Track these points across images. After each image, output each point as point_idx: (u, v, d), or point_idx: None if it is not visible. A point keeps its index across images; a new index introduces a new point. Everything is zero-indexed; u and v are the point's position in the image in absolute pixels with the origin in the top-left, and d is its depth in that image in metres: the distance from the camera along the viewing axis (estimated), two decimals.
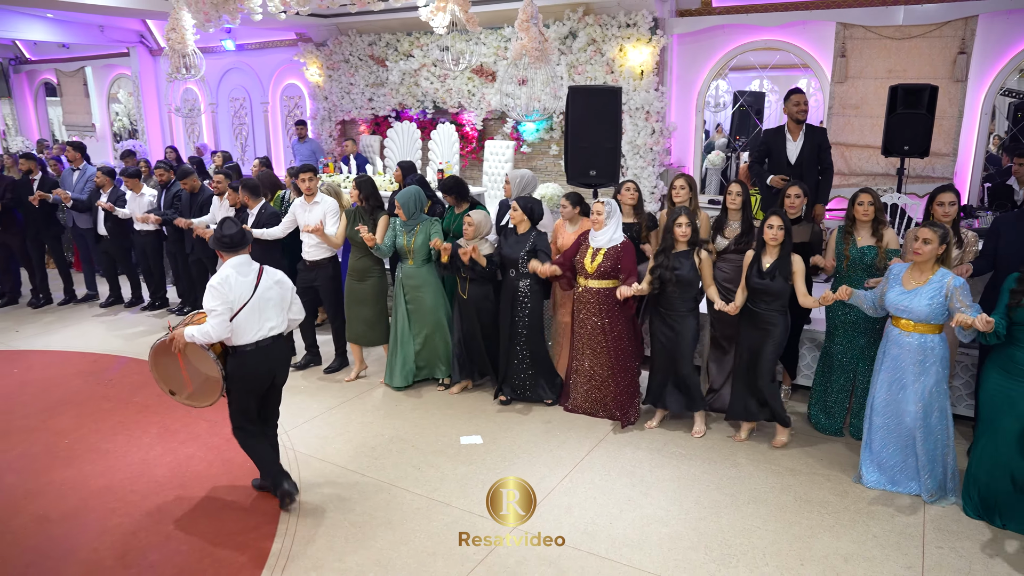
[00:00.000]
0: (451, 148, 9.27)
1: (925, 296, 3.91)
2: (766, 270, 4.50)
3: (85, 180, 8.15)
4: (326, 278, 5.92)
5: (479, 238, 5.25)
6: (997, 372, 3.85)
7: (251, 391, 3.93)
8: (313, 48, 10.35)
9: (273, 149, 11.96)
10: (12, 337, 7.30)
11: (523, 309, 5.26)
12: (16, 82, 15.14)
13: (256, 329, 3.84)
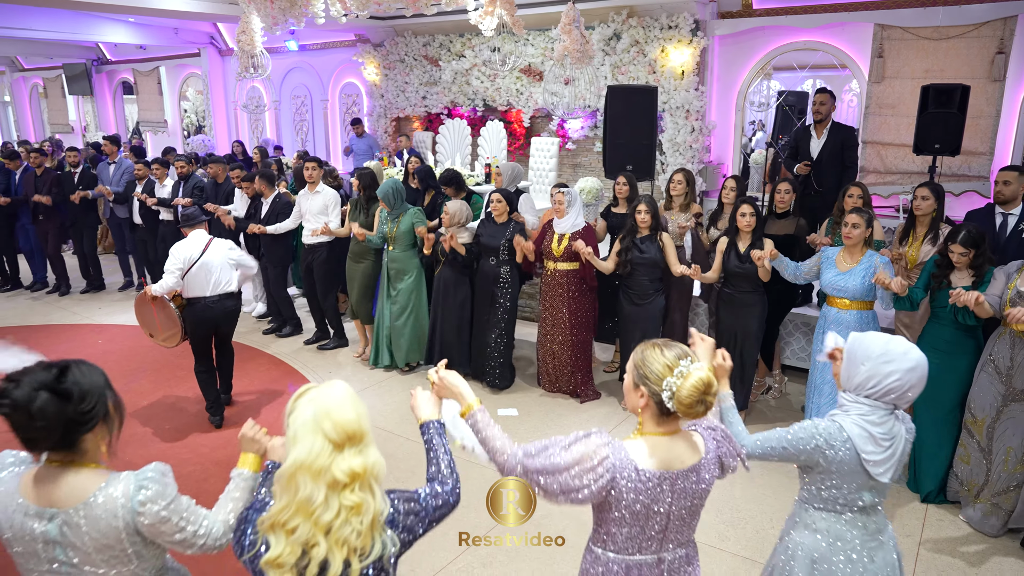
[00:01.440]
0: (499, 144, 9.69)
1: (858, 276, 4.26)
2: (743, 254, 4.81)
3: (121, 172, 8.64)
4: (320, 260, 6.53)
5: (456, 226, 5.65)
6: (927, 350, 4.00)
7: (201, 336, 5.03)
8: (371, 48, 10.89)
9: (331, 145, 12.57)
10: (95, 312, 8.01)
11: (503, 295, 5.64)
12: (97, 81, 16.15)
13: (204, 285, 4.90)
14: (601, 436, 1.93)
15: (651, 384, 1.88)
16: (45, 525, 1.75)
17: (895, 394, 2.17)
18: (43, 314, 8.00)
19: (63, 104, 17.22)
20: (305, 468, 1.61)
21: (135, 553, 1.81)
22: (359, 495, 1.64)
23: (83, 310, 8.13)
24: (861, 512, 2.27)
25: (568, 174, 9.28)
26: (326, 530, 1.61)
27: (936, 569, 3.57)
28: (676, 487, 1.93)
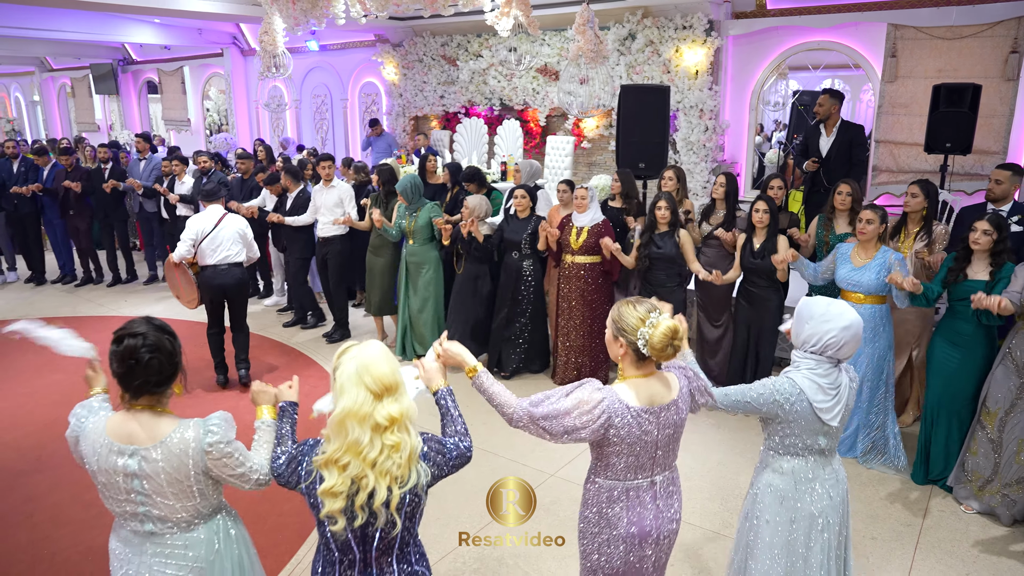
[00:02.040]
0: (515, 143, 9.84)
1: (872, 271, 4.35)
2: (757, 250, 4.95)
3: (151, 168, 9.00)
4: (335, 253, 6.75)
5: (477, 220, 5.82)
6: (942, 342, 4.21)
7: (212, 300, 5.63)
8: (390, 48, 11.06)
9: (350, 143, 12.77)
10: (120, 304, 8.25)
11: (527, 288, 5.83)
12: (123, 81, 16.48)
13: (212, 254, 5.50)
14: (593, 383, 2.28)
15: (628, 335, 2.24)
16: (126, 460, 2.07)
17: (832, 349, 2.48)
18: (72, 306, 8.25)
19: (90, 103, 17.58)
20: (352, 415, 1.92)
21: (199, 491, 2.14)
22: (398, 435, 1.96)
23: (109, 302, 8.38)
24: (818, 454, 2.60)
25: (583, 172, 9.40)
26: (372, 464, 1.93)
27: (934, 557, 3.66)
28: (660, 419, 2.30)
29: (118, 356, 2.08)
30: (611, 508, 2.36)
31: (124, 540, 2.20)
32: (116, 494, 2.12)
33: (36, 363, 6.40)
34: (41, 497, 4.22)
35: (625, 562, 2.38)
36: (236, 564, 2.28)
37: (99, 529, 3.89)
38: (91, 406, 2.26)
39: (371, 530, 1.99)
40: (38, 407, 5.47)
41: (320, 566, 2.09)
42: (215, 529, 2.24)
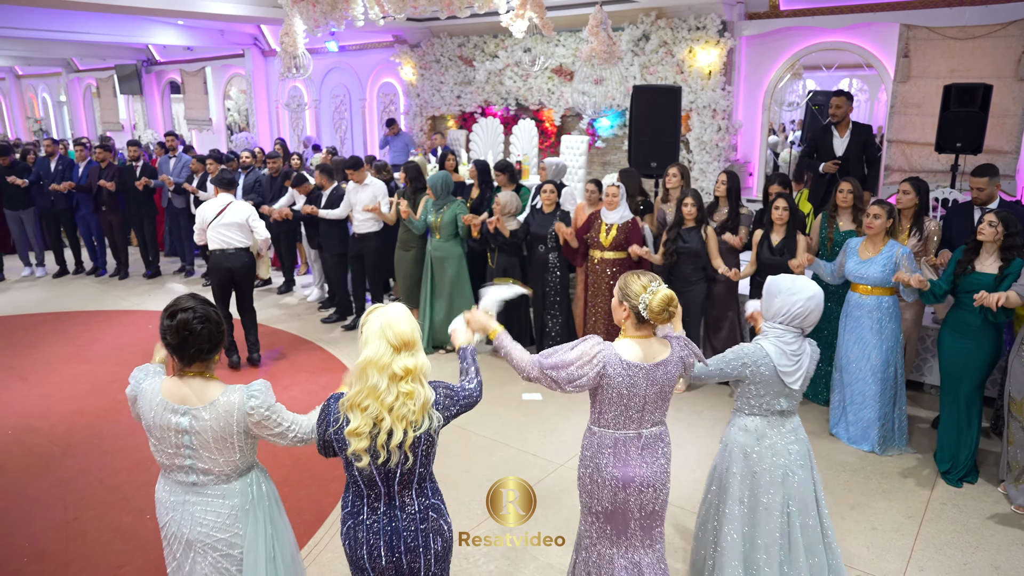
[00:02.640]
0: (530, 142, 9.95)
1: (878, 264, 4.51)
2: (776, 247, 5.06)
3: (181, 166, 9.44)
4: (371, 249, 7.00)
5: (506, 215, 6.02)
6: (950, 333, 4.29)
7: (219, 283, 6.03)
8: (408, 49, 11.22)
9: (368, 142, 12.95)
10: (144, 299, 8.47)
11: (553, 279, 6.05)
12: (147, 81, 16.79)
13: (215, 239, 5.90)
14: (595, 339, 2.62)
15: (631, 299, 2.58)
16: (179, 418, 2.35)
17: (800, 318, 2.84)
18: (99, 301, 8.48)
19: (114, 103, 17.92)
20: (373, 363, 2.22)
21: (239, 447, 2.44)
22: (411, 385, 2.25)
23: (135, 297, 8.60)
24: (780, 415, 2.96)
25: (597, 172, 9.50)
26: (389, 409, 2.22)
27: (934, 547, 3.74)
28: (650, 375, 2.59)
29: (173, 329, 2.34)
30: (601, 454, 2.67)
31: (170, 490, 2.48)
32: (167, 448, 2.40)
33: (64, 354, 6.63)
34: (71, 480, 4.41)
35: (612, 503, 2.68)
36: (267, 514, 2.55)
37: (126, 511, 4.07)
38: (147, 370, 2.53)
39: (392, 467, 2.28)
40: (67, 396, 5.67)
41: (350, 499, 2.39)
42: (249, 483, 2.52)
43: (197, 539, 2.44)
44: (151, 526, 3.92)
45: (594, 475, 2.69)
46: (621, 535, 2.74)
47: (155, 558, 3.64)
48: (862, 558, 3.64)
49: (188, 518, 2.43)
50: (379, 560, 2.34)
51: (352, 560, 2.40)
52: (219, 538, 2.44)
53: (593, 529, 2.77)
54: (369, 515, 2.35)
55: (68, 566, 3.60)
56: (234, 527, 2.46)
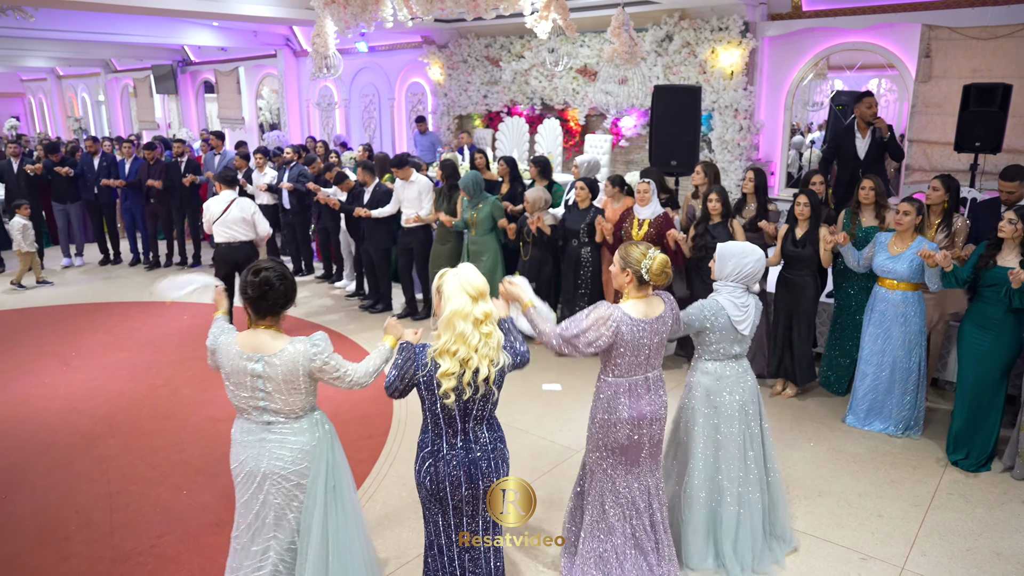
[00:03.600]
0: (555, 141, 10.12)
1: (906, 260, 4.66)
2: (799, 240, 5.23)
3: (224, 162, 9.84)
4: (419, 242, 7.34)
5: (537, 210, 6.24)
6: (971, 326, 4.43)
7: (225, 273, 6.44)
8: (436, 50, 11.45)
9: (396, 140, 13.20)
10: None
11: (585, 272, 6.22)
12: (182, 81, 17.24)
13: (221, 234, 6.40)
14: (605, 304, 3.06)
15: (633, 265, 3.05)
16: (254, 365, 2.72)
17: (749, 277, 3.43)
18: (135, 292, 8.81)
19: (150, 103, 18.41)
20: (458, 314, 2.61)
21: (304, 389, 2.78)
22: (489, 327, 2.68)
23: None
24: (734, 358, 3.52)
25: (621, 170, 9.62)
26: (475, 349, 2.63)
27: (938, 533, 3.85)
28: (652, 327, 3.10)
29: (255, 284, 2.71)
30: (617, 399, 3.14)
31: (246, 430, 2.84)
32: (243, 391, 2.76)
33: (105, 342, 6.94)
34: (114, 458, 4.68)
35: (628, 438, 3.17)
36: (330, 449, 2.90)
37: (164, 486, 4.32)
38: (222, 327, 2.91)
39: (470, 403, 2.69)
40: (109, 380, 5.97)
41: (429, 439, 2.78)
42: (314, 421, 2.89)
43: (272, 471, 2.78)
44: (187, 501, 4.16)
45: (611, 417, 3.14)
46: (634, 464, 3.23)
47: (192, 529, 3.89)
48: (867, 543, 3.76)
49: (265, 454, 2.79)
50: (459, 488, 2.74)
51: (433, 493, 2.77)
52: (292, 470, 2.79)
53: (607, 464, 3.23)
54: (448, 450, 2.74)
55: (112, 534, 3.86)
56: (303, 461, 2.81)
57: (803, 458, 4.65)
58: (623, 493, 3.25)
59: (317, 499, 2.83)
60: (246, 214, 6.44)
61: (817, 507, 4.09)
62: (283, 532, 2.85)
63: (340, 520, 2.90)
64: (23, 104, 24.44)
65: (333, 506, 2.88)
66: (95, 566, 3.61)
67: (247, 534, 2.87)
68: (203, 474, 4.47)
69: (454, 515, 2.81)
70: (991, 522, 3.95)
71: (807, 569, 3.57)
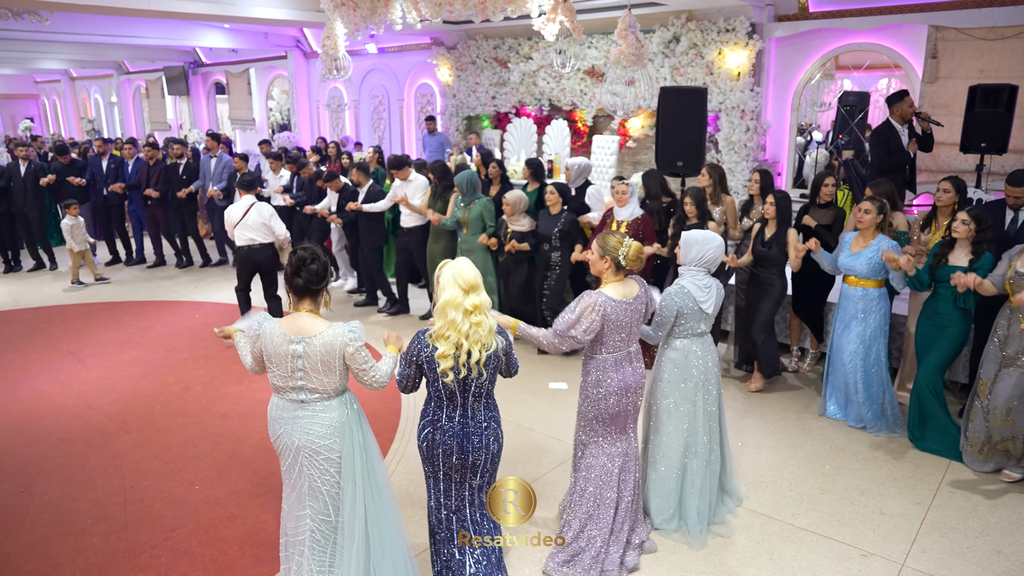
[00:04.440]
0: (563, 142, 10.18)
1: (865, 257, 4.84)
2: (767, 240, 5.38)
3: (222, 166, 9.84)
4: (417, 242, 7.45)
5: (517, 213, 6.30)
6: (924, 320, 4.69)
7: (245, 271, 6.87)
8: (445, 51, 11.52)
9: (406, 141, 13.29)
10: (191, 291, 8.90)
11: (552, 275, 6.31)
12: (193, 83, 17.40)
13: (241, 237, 6.64)
14: (589, 294, 3.37)
15: (611, 252, 3.39)
16: (295, 346, 2.93)
17: (710, 261, 3.79)
18: (148, 292, 8.93)
19: (162, 104, 18.59)
20: (450, 303, 2.93)
21: (339, 371, 2.99)
22: (479, 316, 2.97)
23: (180, 288, 9.04)
24: (700, 336, 3.87)
25: (628, 171, 9.69)
26: (466, 335, 2.94)
27: (939, 531, 3.88)
28: (631, 307, 3.44)
29: (292, 263, 2.96)
30: (606, 373, 3.48)
31: (283, 407, 3.03)
32: (284, 372, 2.96)
33: (118, 341, 7.05)
34: (127, 454, 4.77)
35: (617, 407, 3.53)
36: (359, 427, 3.11)
37: (177, 481, 4.41)
38: (265, 316, 3.09)
39: (469, 381, 3.00)
40: (122, 378, 6.07)
41: (431, 409, 3.10)
42: (345, 401, 3.09)
43: (304, 445, 2.99)
44: (200, 496, 4.25)
45: (600, 391, 3.49)
46: (622, 432, 3.62)
47: (204, 524, 3.97)
48: (867, 540, 3.80)
49: (298, 429, 3.00)
50: (450, 457, 3.07)
51: (427, 457, 3.11)
52: (323, 444, 3.00)
53: (597, 433, 3.59)
54: (446, 422, 3.06)
55: (127, 527, 3.95)
56: (334, 436, 3.01)
57: (805, 456, 4.69)
58: (612, 460, 3.59)
59: (354, 477, 3.04)
60: (264, 218, 6.66)
61: (819, 504, 4.14)
62: (317, 502, 3.06)
63: (377, 500, 3.10)
64: (37, 105, 24.73)
65: (370, 485, 3.08)
66: (110, 558, 3.70)
67: (291, 499, 3.13)
68: (215, 470, 4.55)
69: (443, 480, 3.14)
70: (992, 520, 3.98)
71: (808, 565, 3.61)
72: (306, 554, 3.08)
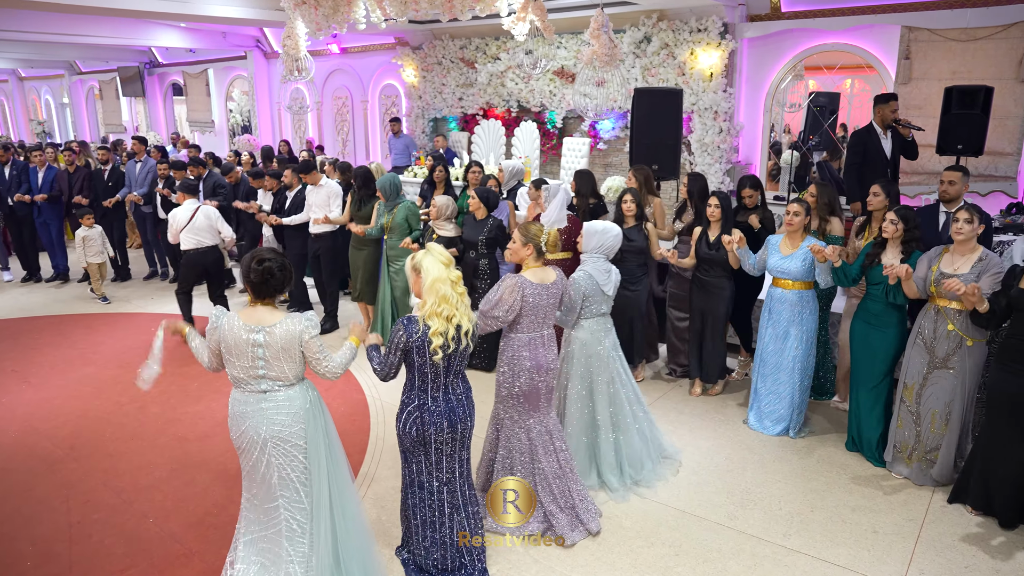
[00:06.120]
0: (532, 144, 9.97)
1: (798, 259, 4.79)
2: (712, 242, 5.27)
3: (147, 171, 9.19)
4: (326, 248, 7.20)
5: (441, 219, 6.15)
6: (860, 323, 4.63)
7: (191, 274, 6.81)
8: (410, 51, 11.25)
9: (371, 144, 12.98)
10: (147, 303, 8.49)
11: (482, 284, 6.07)
12: (149, 83, 16.85)
13: (188, 241, 6.61)
14: (511, 276, 3.68)
15: (534, 239, 3.75)
16: (256, 335, 3.03)
17: (609, 249, 4.24)
18: (100, 304, 8.49)
19: (117, 105, 17.98)
20: (439, 280, 3.13)
21: (298, 358, 3.10)
22: (462, 287, 3.22)
23: (136, 299, 8.62)
24: (602, 316, 4.27)
25: (599, 174, 9.50)
26: (456, 307, 3.16)
27: (935, 550, 3.75)
28: (548, 291, 3.77)
29: (259, 272, 3.05)
30: (521, 352, 3.74)
31: (244, 401, 3.10)
32: (244, 361, 3.04)
33: (69, 356, 6.65)
34: (75, 483, 4.43)
35: (530, 385, 3.77)
36: (322, 414, 3.22)
37: (129, 514, 4.09)
38: (223, 312, 3.17)
39: (452, 358, 3.21)
40: (72, 398, 5.70)
41: (415, 393, 3.27)
42: (306, 388, 3.19)
43: (272, 436, 3.07)
44: (154, 530, 3.94)
45: (515, 368, 3.75)
46: (535, 408, 3.84)
47: (158, 561, 3.67)
48: (863, 560, 3.65)
49: (265, 420, 3.07)
50: (443, 432, 3.27)
51: (418, 440, 3.28)
52: (291, 431, 3.09)
53: (514, 410, 3.83)
54: (432, 403, 3.26)
55: (71, 569, 3.62)
56: (299, 423, 3.10)
57: (792, 471, 4.54)
58: (523, 435, 3.85)
59: (319, 462, 3.15)
60: (211, 220, 6.68)
61: (810, 524, 3.97)
62: (288, 491, 3.13)
63: (340, 483, 3.24)
64: None
65: (333, 469, 3.20)
66: None
67: (257, 497, 3.16)
68: (171, 500, 4.24)
69: (435, 455, 3.32)
70: (987, 536, 3.86)
71: None
72: (284, 545, 3.15)
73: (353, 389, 5.86)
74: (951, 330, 4.13)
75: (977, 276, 4.02)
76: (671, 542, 3.83)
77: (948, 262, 4.17)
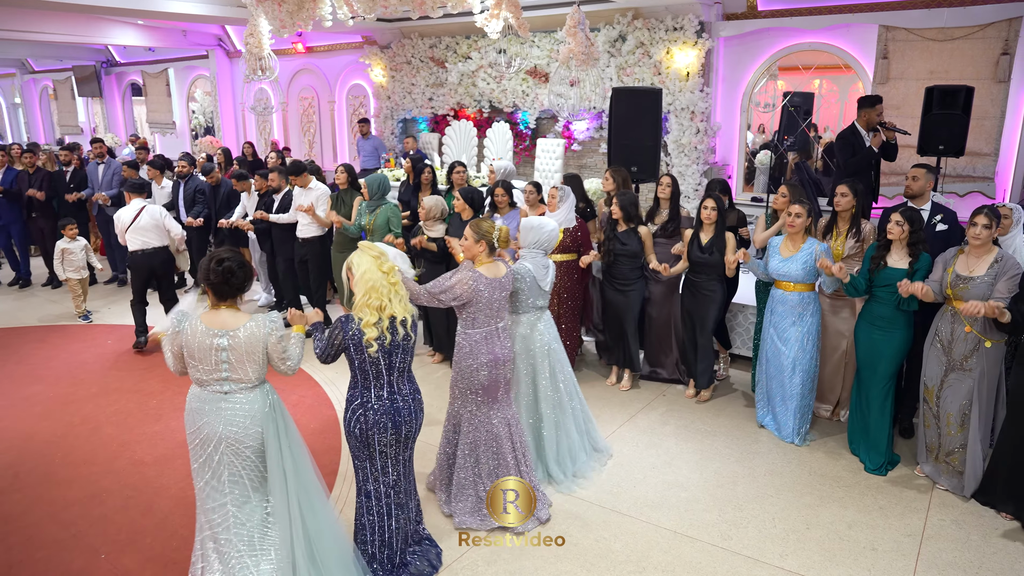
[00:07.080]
0: (505, 146, 9.73)
1: (799, 261, 4.70)
2: (705, 245, 5.18)
3: (111, 173, 8.88)
4: (314, 253, 6.95)
5: (432, 220, 5.93)
6: (865, 326, 4.52)
7: (139, 279, 6.66)
8: (378, 50, 10.94)
9: (338, 145, 12.64)
10: (104, 314, 8.08)
11: None
12: (106, 83, 16.26)
13: (134, 241, 6.46)
14: (468, 266, 3.80)
15: (487, 236, 3.83)
16: (220, 339, 3.00)
17: (546, 243, 4.27)
18: (54, 313, 8.06)
19: (73, 106, 17.35)
20: (368, 271, 3.17)
21: (261, 360, 3.09)
22: (396, 277, 3.24)
23: (89, 308, 8.19)
24: (539, 309, 4.32)
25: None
26: (387, 297, 3.17)
27: (937, 568, 3.59)
28: (501, 285, 3.87)
29: (219, 273, 3.02)
30: (478, 347, 3.82)
31: (205, 399, 3.07)
32: (207, 365, 3.02)
33: (16, 373, 6.26)
34: (17, 517, 4.07)
35: (488, 379, 3.85)
36: (282, 417, 3.19)
37: (77, 550, 3.76)
38: (184, 314, 3.12)
39: (393, 354, 3.22)
40: (17, 420, 5.32)
41: (358, 391, 3.27)
42: (266, 391, 3.17)
43: (228, 435, 3.04)
44: (106, 568, 3.63)
45: (472, 363, 3.81)
46: (495, 401, 3.92)
47: None
48: None
49: (222, 420, 3.04)
50: (385, 434, 3.25)
51: (362, 440, 3.26)
52: (248, 432, 3.06)
53: (473, 404, 3.90)
54: (376, 402, 3.24)
55: None
56: (256, 425, 3.07)
57: (784, 484, 4.37)
58: (485, 425, 3.91)
59: (281, 465, 3.10)
60: (157, 219, 6.49)
61: (807, 542, 3.80)
62: (237, 488, 3.11)
63: (305, 482, 3.19)
64: None
65: (295, 468, 3.15)
66: None
67: (209, 490, 3.11)
68: (125, 532, 3.92)
69: (380, 458, 3.30)
70: (988, 551, 3.72)
71: None
72: (233, 542, 3.12)
73: (324, 404, 5.58)
74: (968, 332, 4.05)
75: (993, 278, 3.96)
76: (663, 566, 3.62)
77: (963, 264, 4.10)
